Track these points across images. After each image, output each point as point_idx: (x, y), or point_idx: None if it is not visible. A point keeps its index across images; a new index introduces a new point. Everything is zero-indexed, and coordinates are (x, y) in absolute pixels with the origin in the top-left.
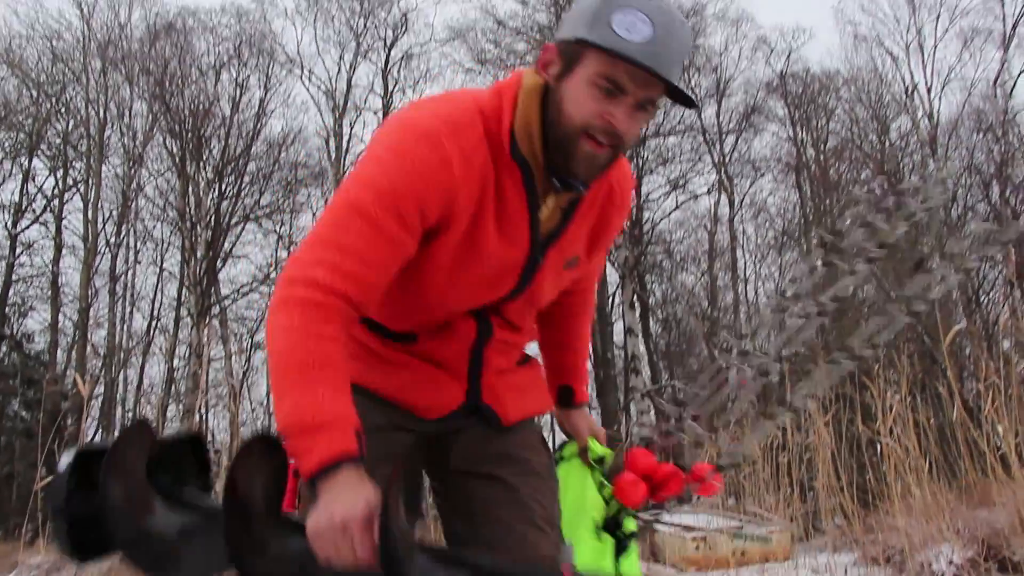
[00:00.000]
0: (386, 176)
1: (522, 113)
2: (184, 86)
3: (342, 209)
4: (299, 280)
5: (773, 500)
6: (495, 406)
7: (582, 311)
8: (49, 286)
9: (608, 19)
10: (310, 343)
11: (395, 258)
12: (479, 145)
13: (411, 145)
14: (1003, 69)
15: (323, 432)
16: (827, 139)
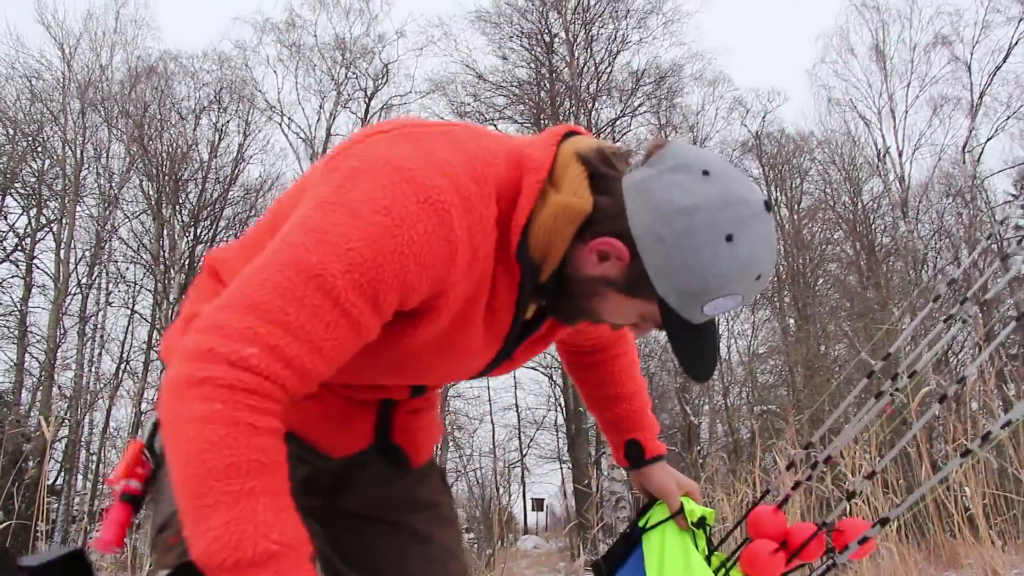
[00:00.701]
0: (368, 244)
1: (547, 231)
2: (163, 129)
3: (295, 273)
4: (222, 357)
5: None
6: (406, 446)
7: (622, 354)
8: (17, 325)
9: (705, 303)
10: (239, 439)
11: (354, 347)
12: (490, 232)
13: (412, 211)
14: (971, 136)
15: (269, 565)
16: (801, 199)
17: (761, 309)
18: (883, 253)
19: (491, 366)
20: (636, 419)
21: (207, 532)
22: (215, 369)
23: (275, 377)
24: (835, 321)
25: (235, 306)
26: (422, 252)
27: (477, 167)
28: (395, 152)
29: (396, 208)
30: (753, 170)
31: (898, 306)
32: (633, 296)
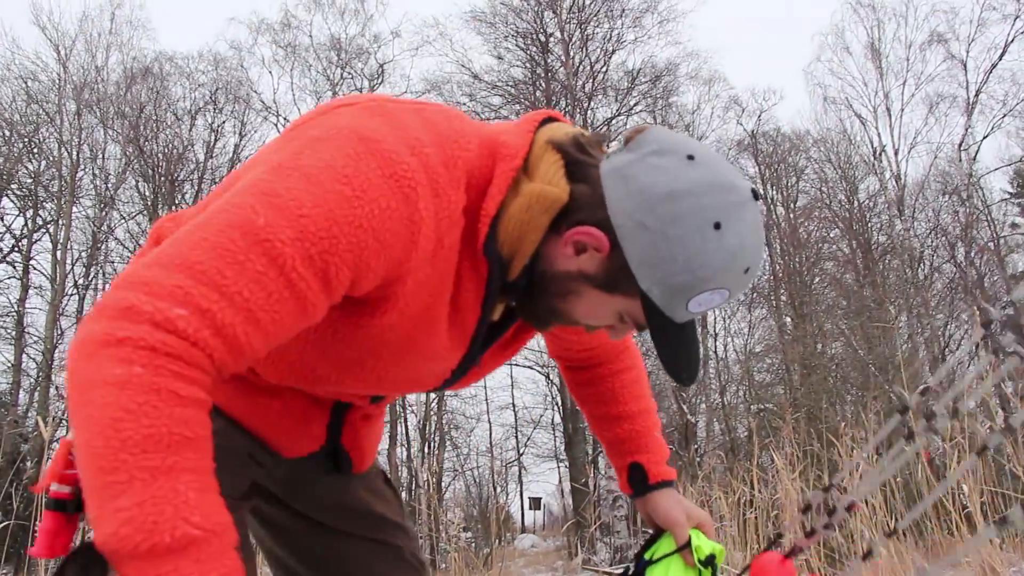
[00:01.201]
0: (323, 213)
1: (519, 222)
2: (159, 130)
3: (239, 233)
4: (146, 316)
5: (740, 556)
6: (353, 452)
7: (625, 369)
8: (14, 326)
9: (690, 298)
10: (160, 408)
11: (295, 325)
12: (457, 220)
13: (375, 183)
14: (967, 134)
15: (189, 552)
16: (797, 198)
17: (758, 307)
18: (879, 251)
19: (457, 373)
20: (640, 440)
21: (117, 513)
22: (136, 329)
23: (203, 344)
24: (832, 319)
25: (165, 263)
26: (382, 229)
27: (448, 150)
28: (362, 123)
29: (358, 178)
30: (749, 169)
31: (895, 304)
32: (612, 292)
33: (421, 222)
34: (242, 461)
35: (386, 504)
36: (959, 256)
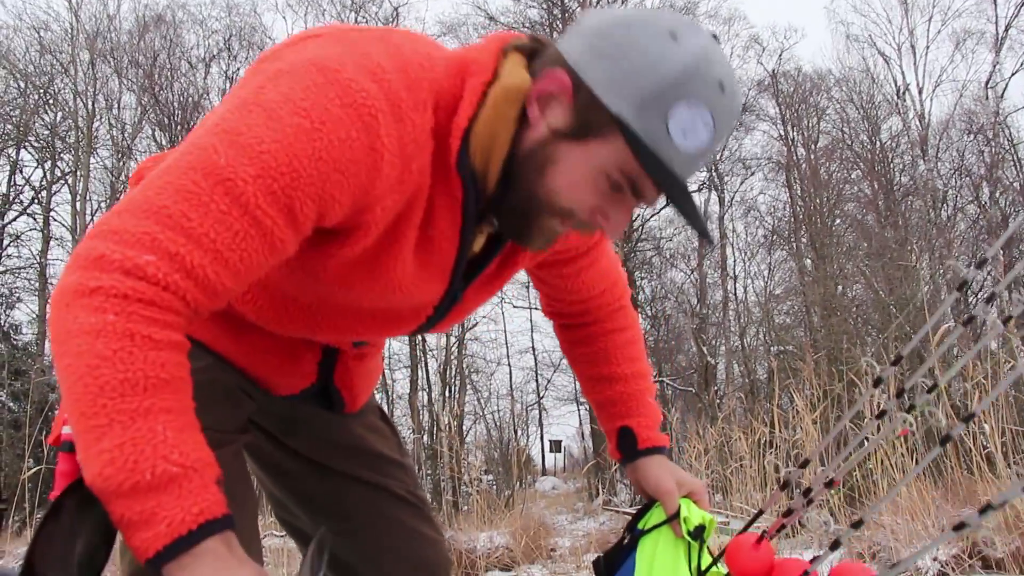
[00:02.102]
0: (283, 147)
1: (488, 121)
2: (173, 78)
3: (201, 175)
4: (116, 264)
5: (760, 496)
6: (344, 391)
7: (620, 329)
8: (37, 277)
9: (667, 111)
10: (135, 353)
11: (265, 263)
12: (424, 142)
13: (334, 113)
14: (995, 71)
15: (170, 489)
16: (818, 138)
17: (778, 250)
18: (902, 192)
19: (440, 310)
20: (631, 403)
21: (100, 455)
22: (108, 277)
23: (175, 287)
24: (852, 261)
25: (133, 210)
26: (343, 159)
27: (412, 72)
28: (323, 53)
29: (316, 110)
30: (769, 109)
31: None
32: (587, 137)
33: (384, 149)
34: (233, 395)
35: (383, 440)
36: (983, 197)
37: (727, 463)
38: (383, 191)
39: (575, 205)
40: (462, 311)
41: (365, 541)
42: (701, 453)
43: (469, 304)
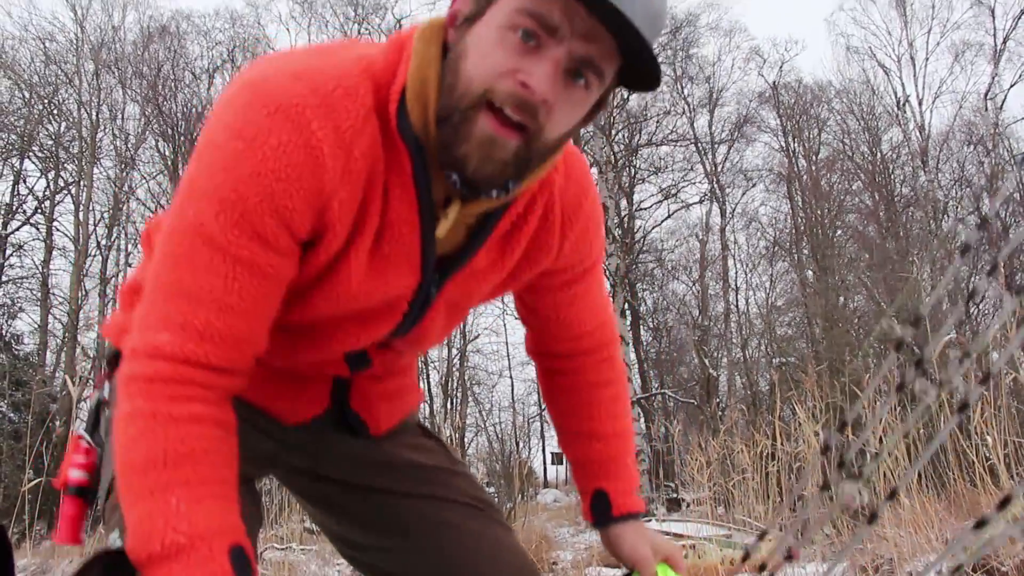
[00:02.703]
0: (228, 174)
1: (415, 70)
2: (177, 89)
3: (180, 235)
4: (142, 352)
5: (762, 509)
6: (364, 415)
7: (606, 383)
8: (39, 287)
9: None
10: (156, 432)
11: (269, 293)
12: (364, 123)
13: (262, 125)
14: (993, 82)
15: (179, 558)
16: (819, 150)
17: (779, 261)
18: (902, 203)
19: (415, 305)
20: (610, 465)
21: (129, 528)
22: (137, 365)
23: (192, 358)
24: (854, 272)
25: (147, 295)
26: (281, 166)
27: (340, 63)
28: (251, 73)
29: (248, 127)
30: (770, 120)
31: (918, 256)
32: (486, 6)
33: (320, 143)
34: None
35: (429, 454)
36: (984, 207)
37: (729, 475)
38: (333, 185)
39: (488, 77)
40: (450, 312)
41: (434, 554)
42: (703, 466)
43: (457, 303)
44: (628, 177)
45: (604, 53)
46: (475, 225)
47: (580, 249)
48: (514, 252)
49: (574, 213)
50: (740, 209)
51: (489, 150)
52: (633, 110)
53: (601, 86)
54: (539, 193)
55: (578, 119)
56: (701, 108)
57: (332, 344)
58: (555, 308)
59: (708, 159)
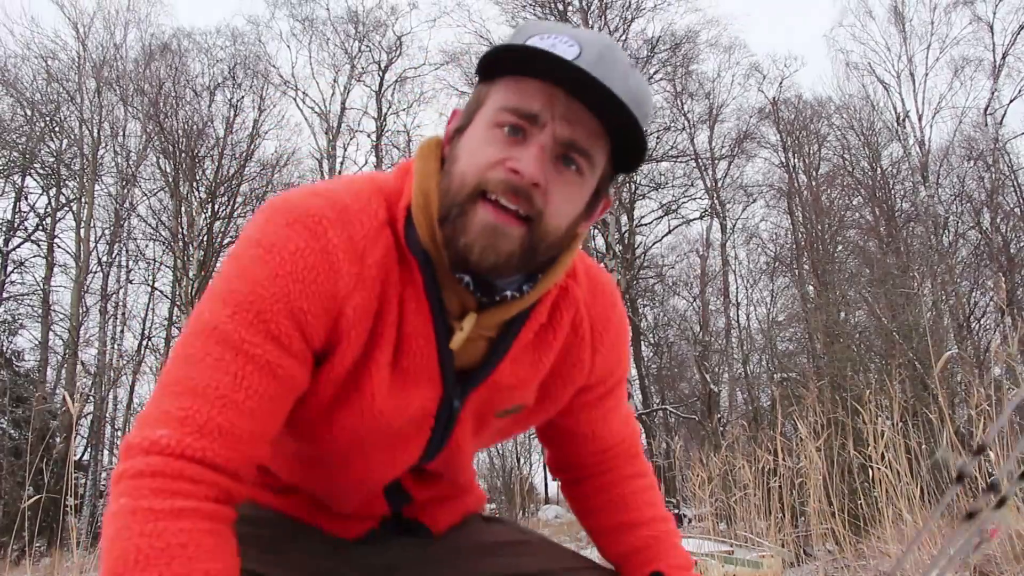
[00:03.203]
0: (246, 278)
1: (419, 184)
2: (178, 107)
3: (193, 337)
4: (137, 448)
5: (764, 525)
6: (424, 519)
7: (638, 475)
8: (40, 304)
9: (523, 40)
10: (133, 528)
11: (277, 396)
12: (377, 235)
13: (281, 233)
14: (993, 97)
15: None
16: (819, 165)
17: (780, 276)
18: (903, 218)
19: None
20: (659, 547)
21: None
22: (131, 463)
23: (188, 452)
24: (855, 287)
25: (155, 395)
26: (298, 269)
27: (358, 184)
28: (275, 199)
29: (266, 237)
30: (770, 136)
31: (919, 271)
32: (474, 113)
33: (336, 249)
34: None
35: (496, 533)
36: (984, 222)
37: (731, 491)
38: (347, 290)
39: (480, 170)
40: (480, 428)
41: None
42: (705, 481)
43: (484, 419)
44: (628, 193)
45: (589, 134)
46: (496, 337)
47: (610, 362)
48: (542, 364)
49: (604, 327)
50: (740, 225)
51: (492, 239)
52: None
53: (593, 170)
54: (562, 304)
55: (578, 207)
56: (701, 124)
57: (367, 471)
58: (589, 424)
59: (708, 175)
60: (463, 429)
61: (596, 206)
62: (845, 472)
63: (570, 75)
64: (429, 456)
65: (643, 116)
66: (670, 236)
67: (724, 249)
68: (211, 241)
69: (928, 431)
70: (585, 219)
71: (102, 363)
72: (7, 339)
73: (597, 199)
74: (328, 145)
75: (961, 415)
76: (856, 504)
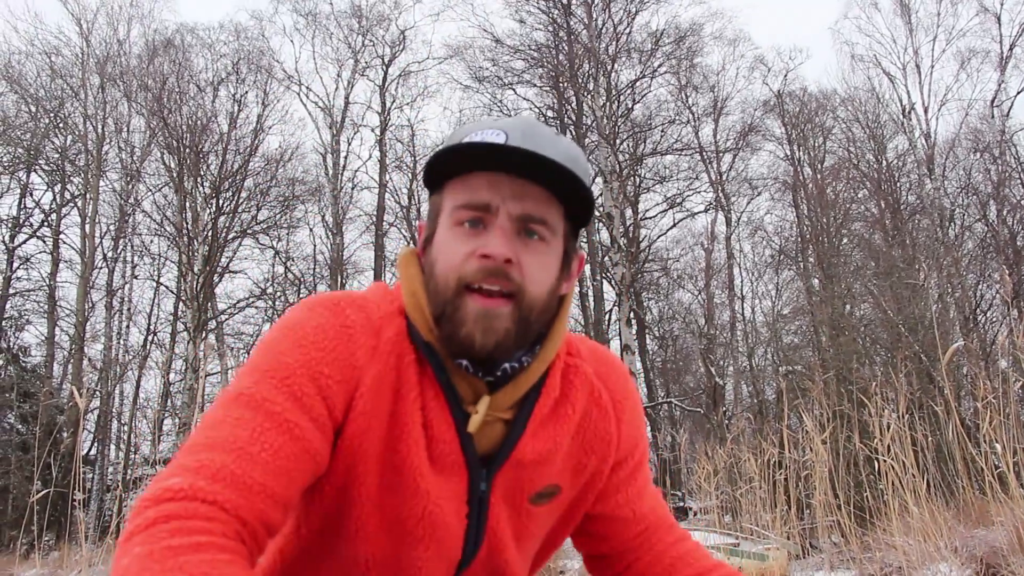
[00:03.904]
0: (270, 352)
1: (406, 288)
2: (182, 102)
3: (217, 406)
4: (147, 500)
5: (770, 517)
6: None
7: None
8: (46, 300)
9: (460, 139)
10: (155, 567)
11: (293, 455)
12: (392, 318)
13: (304, 315)
14: (1000, 89)
15: None
16: (824, 158)
17: (785, 269)
18: (908, 211)
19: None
20: None
21: None
22: (140, 517)
23: (201, 494)
24: (860, 280)
25: (172, 460)
26: (319, 339)
27: (377, 287)
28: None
29: (290, 319)
30: (775, 129)
31: (924, 264)
32: (437, 219)
33: (354, 324)
34: None
35: None
36: (991, 215)
37: (736, 484)
38: (364, 360)
39: (457, 267)
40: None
41: None
42: (710, 474)
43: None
44: (633, 186)
45: (539, 203)
46: (512, 418)
47: (635, 434)
48: (562, 436)
49: (623, 396)
50: (745, 218)
51: (486, 322)
52: (638, 119)
53: (555, 234)
54: (573, 379)
55: (553, 272)
56: (706, 117)
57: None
58: (628, 505)
59: (713, 168)
60: (497, 516)
61: (570, 266)
62: (851, 465)
63: (506, 157)
64: (470, 550)
65: (582, 172)
66: (675, 229)
67: (729, 242)
68: (215, 236)
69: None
70: (565, 280)
71: (108, 358)
72: (14, 335)
73: (569, 259)
74: (332, 140)
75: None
76: (862, 496)
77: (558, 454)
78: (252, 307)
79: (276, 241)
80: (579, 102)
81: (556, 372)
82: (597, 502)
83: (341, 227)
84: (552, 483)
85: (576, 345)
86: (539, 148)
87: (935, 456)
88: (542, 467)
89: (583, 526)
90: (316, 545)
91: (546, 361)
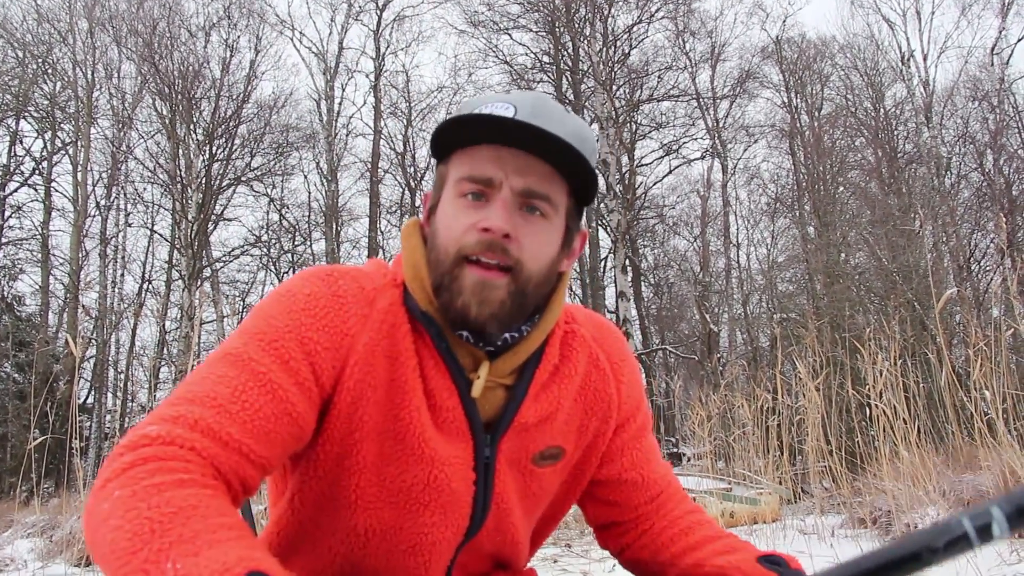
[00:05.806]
0: (261, 318)
1: (407, 259)
2: (173, 47)
3: (204, 365)
4: (124, 447)
5: (762, 463)
6: None
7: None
8: (39, 249)
9: (470, 111)
10: (140, 507)
11: (273, 415)
12: (386, 289)
13: (297, 283)
14: (1001, 37)
15: None
16: (821, 106)
17: (781, 217)
18: (905, 160)
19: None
20: (749, 546)
21: None
22: (117, 462)
23: (179, 440)
24: (856, 228)
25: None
26: (311, 306)
27: (371, 263)
28: None
29: (284, 287)
30: (773, 76)
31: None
32: (442, 190)
33: (346, 293)
34: None
35: None
36: (987, 164)
37: (730, 430)
38: (356, 328)
39: (457, 238)
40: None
41: None
42: (704, 420)
43: (523, 468)
44: (629, 133)
45: (542, 179)
46: (513, 384)
47: (634, 395)
48: (564, 398)
49: (620, 359)
50: (742, 165)
51: (482, 293)
52: (635, 65)
53: (557, 211)
54: (572, 344)
55: (552, 248)
56: (703, 63)
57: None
58: (635, 468)
59: (710, 115)
60: (503, 481)
61: (572, 243)
62: (843, 411)
63: (512, 131)
64: (479, 517)
65: (589, 151)
66: (671, 176)
67: (725, 190)
68: (209, 183)
69: (926, 370)
70: (566, 257)
71: (103, 306)
72: (7, 284)
73: (571, 236)
74: (326, 86)
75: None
76: (853, 442)
77: (560, 415)
78: (247, 255)
79: (271, 188)
80: (575, 47)
81: (555, 340)
82: (603, 466)
83: (336, 174)
84: (555, 444)
85: (573, 313)
86: (546, 124)
87: (926, 403)
88: (544, 427)
89: (593, 492)
90: (313, 519)
91: (545, 331)
